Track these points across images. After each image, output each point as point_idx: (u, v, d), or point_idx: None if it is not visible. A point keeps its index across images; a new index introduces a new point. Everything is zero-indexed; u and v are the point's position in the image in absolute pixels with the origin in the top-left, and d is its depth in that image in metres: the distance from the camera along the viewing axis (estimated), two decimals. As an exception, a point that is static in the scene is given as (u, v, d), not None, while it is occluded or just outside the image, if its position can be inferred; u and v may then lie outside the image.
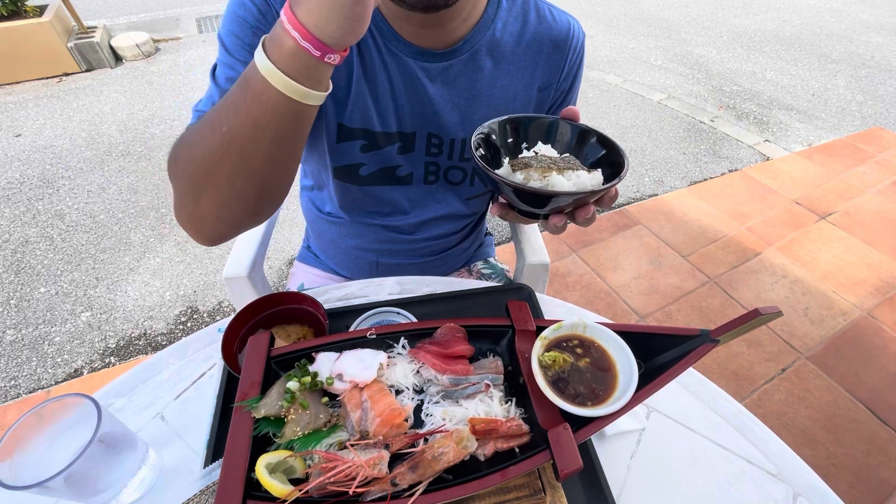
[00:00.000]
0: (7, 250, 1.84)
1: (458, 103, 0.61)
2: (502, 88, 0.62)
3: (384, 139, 0.62)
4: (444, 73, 0.59)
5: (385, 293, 0.70)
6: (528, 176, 0.46)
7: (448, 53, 0.58)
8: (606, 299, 1.70)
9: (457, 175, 0.69)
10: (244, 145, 0.41)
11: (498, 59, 0.60)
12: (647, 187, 2.29)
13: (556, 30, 0.61)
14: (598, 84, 3.25)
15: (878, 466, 1.24)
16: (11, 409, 1.33)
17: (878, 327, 1.60)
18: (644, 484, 0.50)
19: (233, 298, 0.86)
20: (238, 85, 0.40)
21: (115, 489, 0.44)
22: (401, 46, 0.56)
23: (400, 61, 0.57)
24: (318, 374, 0.45)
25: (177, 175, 0.47)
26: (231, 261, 0.82)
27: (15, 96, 2.92)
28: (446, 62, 0.58)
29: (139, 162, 2.36)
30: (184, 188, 0.47)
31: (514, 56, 0.61)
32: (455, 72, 0.59)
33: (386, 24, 0.56)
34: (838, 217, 2.07)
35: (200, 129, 0.44)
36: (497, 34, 0.59)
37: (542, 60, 0.62)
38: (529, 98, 0.64)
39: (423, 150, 0.65)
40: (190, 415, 0.55)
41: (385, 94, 0.59)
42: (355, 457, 0.39)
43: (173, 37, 3.76)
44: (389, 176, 0.67)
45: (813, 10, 4.75)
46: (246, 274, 0.80)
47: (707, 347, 0.41)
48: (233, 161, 0.42)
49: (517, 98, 0.63)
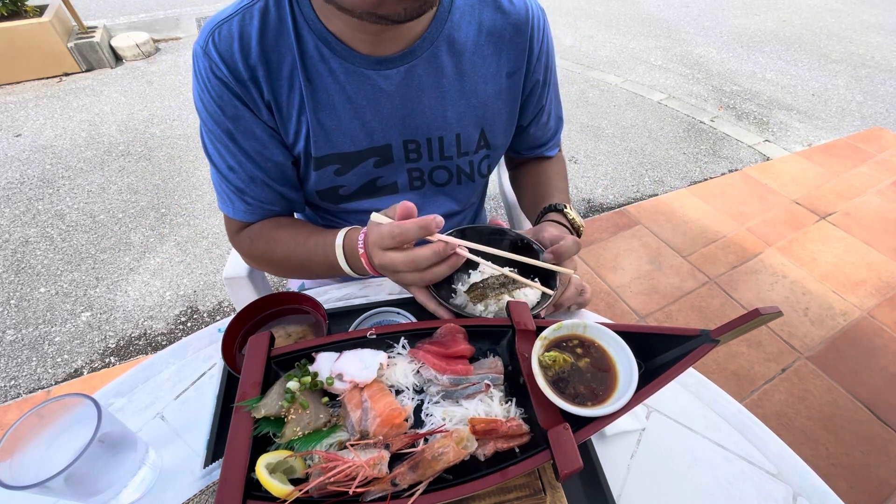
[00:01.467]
0: (7, 250, 1.84)
1: (429, 103, 0.61)
2: (471, 79, 0.61)
3: (356, 157, 0.62)
4: (408, 76, 0.58)
5: (385, 293, 0.70)
6: (486, 305, 0.56)
7: (408, 54, 0.57)
8: (606, 299, 1.70)
9: (442, 176, 0.69)
10: (310, 276, 0.71)
11: (460, 50, 0.59)
12: (647, 187, 2.29)
13: (514, 14, 0.61)
14: (598, 84, 3.25)
15: (878, 467, 1.24)
16: (12, 408, 1.33)
17: (878, 327, 1.60)
18: (644, 484, 0.50)
19: (233, 298, 0.86)
20: (325, 270, 0.63)
21: (115, 489, 0.44)
22: (358, 61, 0.56)
23: (360, 76, 0.57)
24: (318, 374, 0.45)
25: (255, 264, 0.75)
26: (231, 261, 0.83)
27: (15, 96, 2.92)
28: (408, 64, 0.57)
29: (139, 162, 2.36)
30: (256, 265, 0.75)
31: (476, 46, 0.60)
32: (419, 72, 0.59)
33: (339, 43, 0.55)
34: (838, 217, 2.07)
35: (287, 265, 0.67)
36: (455, 26, 0.58)
37: (504, 46, 0.62)
38: (500, 86, 0.64)
39: (402, 158, 0.65)
40: (190, 415, 0.55)
41: (347, 113, 0.59)
42: (355, 457, 0.39)
43: (173, 37, 3.76)
44: (371, 190, 0.67)
45: (813, 10, 4.75)
46: (246, 274, 0.81)
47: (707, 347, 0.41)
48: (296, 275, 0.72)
49: (487, 86, 0.63)
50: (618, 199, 2.21)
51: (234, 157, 0.61)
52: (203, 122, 0.60)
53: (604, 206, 2.16)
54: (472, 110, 0.63)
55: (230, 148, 0.60)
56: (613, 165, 2.44)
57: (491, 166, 0.72)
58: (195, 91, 0.58)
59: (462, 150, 0.66)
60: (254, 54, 0.54)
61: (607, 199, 2.21)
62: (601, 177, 2.36)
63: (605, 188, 2.28)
